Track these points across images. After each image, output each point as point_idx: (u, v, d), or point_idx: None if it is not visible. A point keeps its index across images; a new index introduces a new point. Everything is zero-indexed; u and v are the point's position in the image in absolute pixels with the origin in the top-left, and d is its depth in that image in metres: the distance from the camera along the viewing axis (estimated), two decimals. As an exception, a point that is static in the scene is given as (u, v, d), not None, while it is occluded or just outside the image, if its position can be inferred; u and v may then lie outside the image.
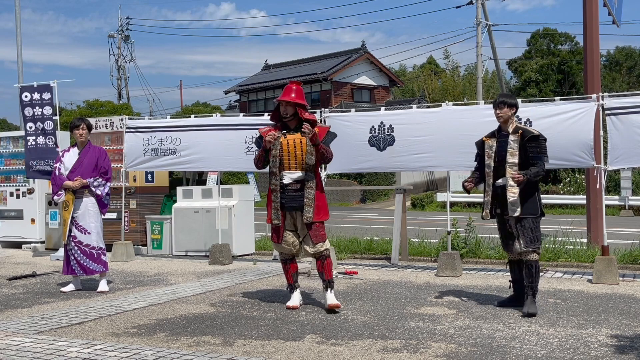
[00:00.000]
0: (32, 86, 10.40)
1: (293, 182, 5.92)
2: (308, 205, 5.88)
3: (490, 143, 5.88)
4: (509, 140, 5.73)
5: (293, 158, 5.91)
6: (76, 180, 7.05)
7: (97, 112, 31.54)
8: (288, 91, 5.99)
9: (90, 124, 7.42)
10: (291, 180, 5.91)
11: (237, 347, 4.65)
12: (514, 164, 5.69)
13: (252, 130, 9.20)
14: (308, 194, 5.89)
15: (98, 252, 7.17)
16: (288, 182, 5.92)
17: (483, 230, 9.85)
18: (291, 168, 5.92)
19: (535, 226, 5.70)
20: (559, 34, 39.04)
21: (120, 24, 42.50)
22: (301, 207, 5.90)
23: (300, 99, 5.97)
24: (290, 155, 5.92)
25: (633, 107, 7.20)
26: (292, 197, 5.94)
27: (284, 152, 5.92)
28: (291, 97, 5.92)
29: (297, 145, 5.91)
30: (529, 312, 5.53)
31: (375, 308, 5.99)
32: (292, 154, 5.91)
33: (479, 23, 29.15)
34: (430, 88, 42.46)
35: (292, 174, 5.92)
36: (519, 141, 5.69)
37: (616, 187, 22.93)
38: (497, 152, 5.79)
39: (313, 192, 5.91)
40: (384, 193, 29.50)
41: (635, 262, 8.46)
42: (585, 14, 9.62)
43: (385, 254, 9.71)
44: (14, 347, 4.69)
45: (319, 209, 5.94)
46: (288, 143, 5.92)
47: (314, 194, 5.91)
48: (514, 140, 5.71)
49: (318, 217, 5.94)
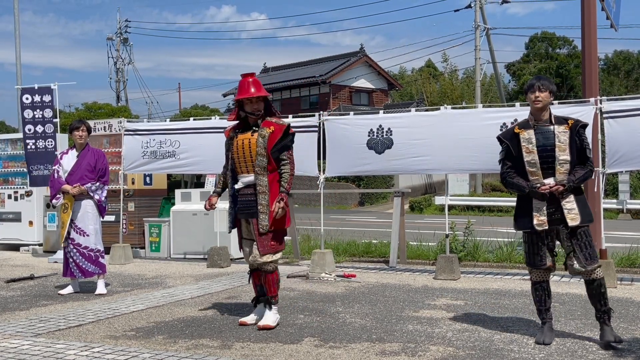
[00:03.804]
0: (33, 88, 10.41)
1: (245, 187, 5.38)
2: (263, 212, 5.26)
3: (526, 135, 4.77)
4: (556, 132, 4.70)
5: (243, 160, 5.36)
6: (75, 187, 7.03)
7: (96, 115, 31.50)
8: (247, 86, 5.35)
9: (90, 127, 7.43)
10: (242, 184, 5.39)
11: (235, 350, 4.65)
12: (565, 162, 4.67)
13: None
14: (261, 199, 5.26)
15: (96, 254, 7.17)
16: (239, 187, 5.41)
17: (481, 233, 9.86)
18: (243, 171, 5.38)
19: (591, 236, 4.76)
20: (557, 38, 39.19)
21: (119, 27, 42.51)
22: (255, 214, 5.30)
23: (262, 90, 5.38)
24: (240, 157, 5.37)
25: (631, 111, 7.22)
26: (245, 203, 5.38)
27: (235, 154, 5.40)
28: (254, 93, 5.33)
29: (246, 146, 5.33)
30: (617, 338, 4.59)
31: (374, 311, 5.98)
32: (242, 155, 5.36)
33: (478, 27, 29.20)
34: (428, 91, 42.47)
35: (244, 178, 5.38)
36: (569, 134, 4.70)
37: (614, 190, 22.97)
38: (540, 146, 4.72)
39: (267, 198, 5.27)
40: (383, 196, 29.50)
41: (633, 266, 8.48)
42: (584, 18, 9.63)
43: (384, 257, 9.71)
44: (11, 350, 4.68)
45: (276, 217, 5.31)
46: (238, 144, 5.39)
47: (268, 200, 5.28)
48: (561, 132, 4.71)
49: (275, 225, 5.32)
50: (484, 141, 7.77)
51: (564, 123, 4.74)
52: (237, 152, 5.38)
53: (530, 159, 4.73)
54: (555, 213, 4.69)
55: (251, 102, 5.37)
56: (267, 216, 5.26)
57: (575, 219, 4.64)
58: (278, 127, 5.34)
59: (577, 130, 4.72)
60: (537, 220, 4.71)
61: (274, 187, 5.33)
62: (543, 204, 4.69)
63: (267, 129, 5.31)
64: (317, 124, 8.85)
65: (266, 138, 5.29)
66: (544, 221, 4.69)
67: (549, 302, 4.90)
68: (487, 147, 7.78)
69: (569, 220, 4.65)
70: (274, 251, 5.35)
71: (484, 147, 7.79)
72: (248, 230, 5.47)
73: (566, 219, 4.66)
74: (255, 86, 5.37)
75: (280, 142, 5.32)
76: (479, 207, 24.25)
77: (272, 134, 5.30)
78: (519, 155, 4.79)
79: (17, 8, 16.89)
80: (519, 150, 4.79)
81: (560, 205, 4.67)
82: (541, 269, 4.84)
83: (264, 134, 5.30)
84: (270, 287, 5.40)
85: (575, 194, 4.70)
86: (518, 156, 4.80)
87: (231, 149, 5.45)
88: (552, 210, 4.69)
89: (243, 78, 5.42)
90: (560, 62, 37.23)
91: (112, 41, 42.45)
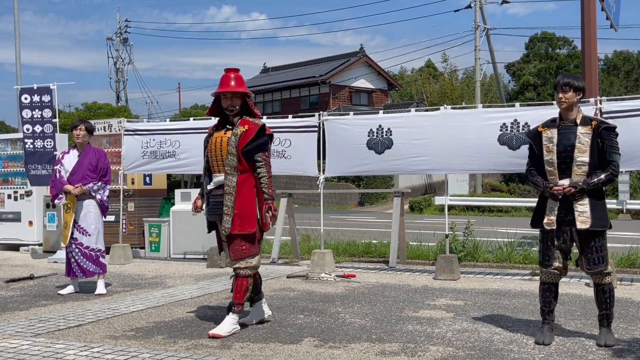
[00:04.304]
0: (32, 88, 10.40)
1: (216, 188, 5.20)
2: (226, 214, 5.04)
3: (548, 134, 4.75)
4: (578, 134, 4.64)
5: (215, 159, 5.17)
6: (77, 187, 7.04)
7: (95, 115, 31.51)
8: (227, 80, 5.18)
9: (91, 127, 7.35)
10: (214, 185, 5.21)
11: (234, 350, 4.65)
12: (583, 164, 4.62)
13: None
14: (227, 200, 5.04)
15: (97, 254, 7.17)
16: (211, 188, 5.23)
17: (481, 233, 9.86)
18: (216, 171, 5.19)
19: (604, 241, 4.68)
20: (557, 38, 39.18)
21: (119, 27, 42.52)
22: (221, 216, 5.11)
23: (242, 86, 5.22)
24: (214, 155, 5.17)
25: (631, 111, 7.22)
26: (215, 204, 5.19)
27: (210, 152, 5.20)
28: (232, 87, 5.16)
29: (219, 144, 5.14)
30: (606, 343, 4.62)
31: (373, 311, 5.98)
32: (215, 154, 5.17)
33: (478, 27, 29.21)
34: (428, 91, 42.49)
35: (216, 178, 5.20)
36: (592, 135, 4.62)
37: (614, 190, 22.97)
38: (560, 146, 4.69)
39: (232, 199, 5.04)
40: (382, 196, 29.50)
41: (633, 266, 8.48)
42: (584, 18, 9.65)
43: (383, 257, 9.71)
44: (11, 350, 4.68)
45: (243, 220, 5.05)
46: (212, 142, 5.22)
47: (233, 201, 5.05)
48: (584, 133, 4.63)
49: (241, 228, 5.06)
50: (483, 141, 7.78)
51: (588, 124, 4.67)
52: (212, 151, 5.20)
53: (549, 158, 4.71)
54: (568, 215, 4.66)
55: (226, 98, 5.19)
56: (230, 218, 5.03)
57: (585, 223, 4.59)
58: (252, 126, 5.14)
59: (600, 131, 4.63)
60: (547, 219, 4.72)
61: (244, 189, 5.09)
62: (555, 204, 4.68)
63: (241, 128, 5.12)
64: (317, 124, 8.85)
65: (238, 137, 5.10)
66: (553, 221, 4.69)
67: (554, 304, 4.88)
68: (487, 147, 7.80)
69: (578, 223, 4.61)
70: (246, 255, 5.10)
71: (484, 147, 7.80)
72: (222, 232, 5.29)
73: (576, 221, 4.62)
74: (233, 81, 5.19)
75: (252, 142, 5.10)
76: (478, 207, 24.25)
77: (245, 133, 5.10)
78: (540, 153, 4.79)
79: (17, 8, 16.90)
80: (540, 149, 4.79)
81: (573, 207, 4.63)
82: (550, 270, 4.81)
83: (237, 133, 5.11)
84: (238, 292, 5.14)
85: (593, 198, 4.63)
86: (539, 155, 4.80)
87: (207, 148, 5.26)
88: (563, 212, 4.67)
89: (225, 73, 5.26)
90: (560, 63, 37.22)
91: (112, 41, 42.50)
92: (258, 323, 5.43)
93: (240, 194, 5.07)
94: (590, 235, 4.63)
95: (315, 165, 8.92)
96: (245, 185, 5.10)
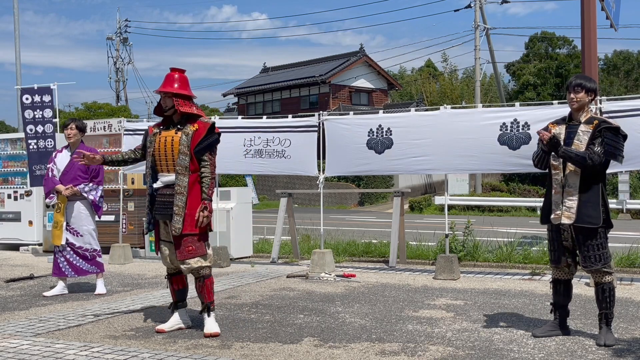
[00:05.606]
0: (33, 88, 10.41)
1: (164, 187, 5.18)
2: (177, 214, 5.03)
3: (557, 130, 4.84)
4: (579, 131, 4.74)
5: (164, 158, 5.16)
6: (68, 188, 6.98)
7: (95, 115, 31.55)
8: (169, 80, 5.20)
9: (82, 126, 7.23)
10: (162, 184, 5.19)
11: (234, 350, 4.65)
12: None
13: (251, 133, 9.23)
14: (178, 200, 5.04)
15: (92, 254, 7.13)
16: (158, 187, 5.21)
17: (481, 233, 9.86)
18: (164, 170, 5.19)
19: (602, 240, 4.67)
20: (557, 38, 39.21)
21: (119, 27, 42.55)
22: (171, 216, 5.09)
23: (183, 88, 5.20)
24: (162, 155, 5.17)
25: (631, 111, 7.22)
26: (162, 203, 5.17)
27: (156, 151, 5.20)
28: (173, 88, 5.16)
29: (169, 144, 5.13)
30: (606, 343, 4.62)
31: (373, 311, 5.99)
32: (163, 153, 5.16)
33: (477, 26, 29.20)
34: (428, 91, 42.53)
35: (164, 177, 5.18)
36: (591, 133, 4.69)
37: (614, 190, 22.99)
38: (565, 143, 4.75)
39: (184, 199, 5.04)
40: (382, 196, 29.51)
41: (633, 266, 8.48)
42: (584, 18, 9.65)
43: (383, 257, 9.71)
44: (11, 350, 4.68)
45: (194, 220, 5.06)
46: (160, 141, 5.19)
47: (184, 201, 5.05)
48: (584, 130, 4.72)
49: (192, 228, 5.05)
50: (483, 141, 7.78)
51: (591, 123, 4.75)
52: (159, 150, 5.18)
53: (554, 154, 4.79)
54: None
55: (163, 96, 5.23)
56: (181, 218, 5.03)
57: (570, 218, 4.66)
58: (202, 125, 5.15)
59: (600, 130, 4.67)
60: (553, 214, 4.77)
61: (195, 189, 5.11)
62: (560, 199, 4.73)
63: (191, 127, 5.14)
64: (316, 124, 8.85)
65: (190, 136, 5.10)
66: (559, 216, 4.73)
67: (563, 300, 4.91)
68: (487, 147, 7.80)
69: (564, 217, 4.69)
70: (195, 255, 5.09)
71: (484, 147, 7.80)
72: (166, 232, 5.25)
73: (562, 215, 4.71)
74: (175, 82, 5.21)
75: (203, 141, 5.12)
76: (478, 207, 24.27)
77: (196, 132, 5.11)
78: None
79: (17, 8, 16.90)
80: None
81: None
82: (558, 267, 4.87)
83: (187, 132, 5.12)
84: (207, 293, 5.18)
85: (585, 195, 4.65)
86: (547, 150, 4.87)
87: (152, 146, 5.24)
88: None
89: (169, 72, 5.29)
90: (560, 62, 37.24)
91: (112, 41, 42.53)
92: (176, 330, 5.31)
93: (192, 194, 5.09)
94: (584, 232, 4.66)
95: (315, 165, 8.92)
96: (197, 186, 5.14)
